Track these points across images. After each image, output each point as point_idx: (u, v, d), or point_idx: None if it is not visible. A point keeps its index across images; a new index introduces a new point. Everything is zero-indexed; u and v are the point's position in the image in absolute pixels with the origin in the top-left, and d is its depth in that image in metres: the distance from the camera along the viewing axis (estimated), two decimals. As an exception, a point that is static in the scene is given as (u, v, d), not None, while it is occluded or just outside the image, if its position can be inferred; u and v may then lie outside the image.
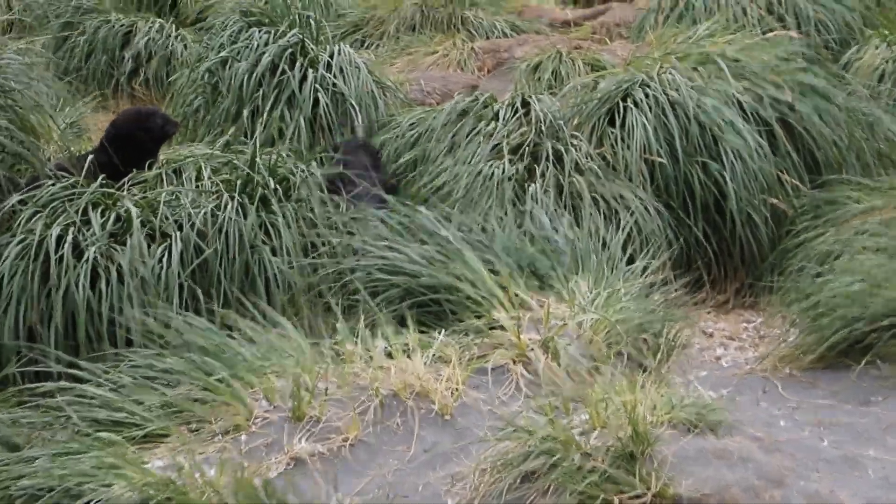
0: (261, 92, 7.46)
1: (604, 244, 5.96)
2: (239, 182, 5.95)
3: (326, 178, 6.15)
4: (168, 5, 10.72)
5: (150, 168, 6.39)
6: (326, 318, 5.19)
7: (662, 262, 6.30)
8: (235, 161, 6.15)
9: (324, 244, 5.78)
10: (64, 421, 4.35)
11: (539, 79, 8.45)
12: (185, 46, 9.56)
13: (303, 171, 6.12)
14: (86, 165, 5.98)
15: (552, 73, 8.49)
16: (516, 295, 5.11)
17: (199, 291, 5.57)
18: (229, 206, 5.81)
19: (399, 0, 10.26)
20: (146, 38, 9.62)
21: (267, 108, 7.38)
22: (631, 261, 5.91)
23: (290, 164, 6.16)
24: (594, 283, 5.30)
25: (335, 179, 6.36)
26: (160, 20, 9.98)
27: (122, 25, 9.83)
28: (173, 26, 9.87)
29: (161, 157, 6.61)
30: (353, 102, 7.46)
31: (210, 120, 7.57)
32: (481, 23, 10.08)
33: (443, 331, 4.84)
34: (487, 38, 9.87)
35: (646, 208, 6.59)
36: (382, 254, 5.20)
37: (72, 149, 6.76)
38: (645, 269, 5.52)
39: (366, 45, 9.89)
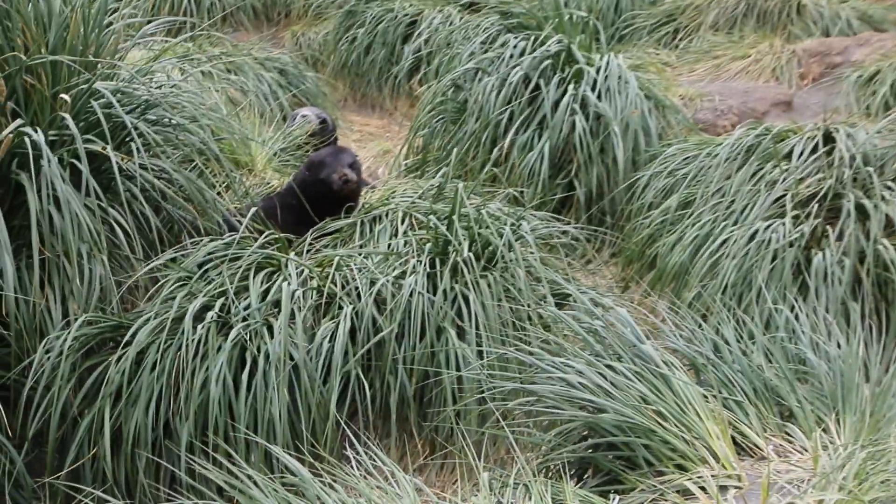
0: (506, 113, 6.27)
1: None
2: (429, 245, 4.85)
3: None
4: (467, -11, 9.67)
5: (348, 213, 5.39)
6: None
7: None
8: (431, 216, 5.03)
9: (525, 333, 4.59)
10: None
11: (873, 93, 6.75)
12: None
13: (514, 229, 4.91)
14: (247, 216, 5.01)
15: (891, 86, 6.75)
16: (742, 437, 3.74)
17: (367, 385, 4.53)
18: (416, 275, 4.72)
19: (722, -16, 8.71)
20: (429, 30, 8.60)
21: (510, 134, 6.18)
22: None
23: (499, 221, 4.97)
24: (856, 431, 3.80)
25: None
26: (449, 7, 8.93)
27: (405, 15, 8.88)
28: (458, 15, 8.78)
29: (366, 198, 5.59)
30: (616, 128, 6.12)
31: (448, 145, 6.46)
32: (821, 13, 8.34)
33: (618, 497, 3.54)
34: (827, 34, 8.12)
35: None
36: (562, 374, 3.91)
37: (271, 185, 5.84)
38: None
39: (677, 39, 8.44)
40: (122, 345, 4.46)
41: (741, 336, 4.23)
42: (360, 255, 4.92)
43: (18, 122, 4.60)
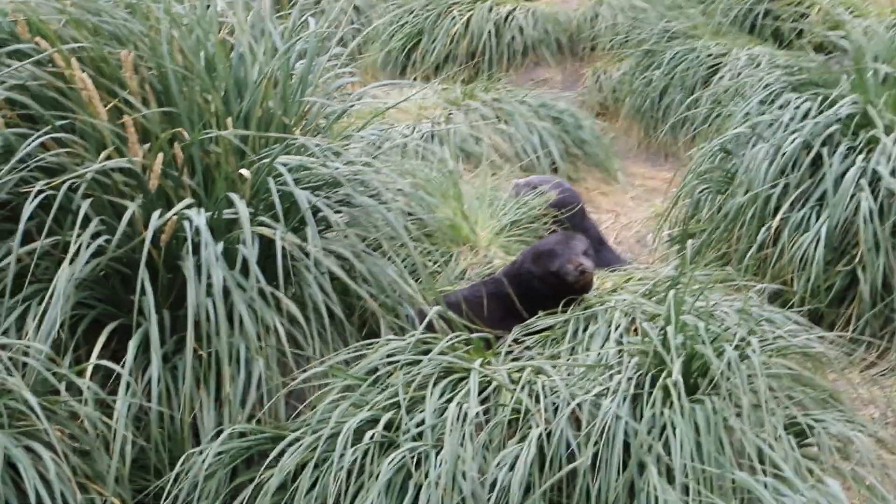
0: (779, 186, 5.33)
1: None
2: (635, 359, 4.06)
3: None
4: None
5: (566, 306, 4.64)
6: None
7: None
8: (644, 324, 4.23)
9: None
10: None
11: None
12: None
13: (742, 346, 4.04)
14: (430, 315, 4.33)
15: None
16: None
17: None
18: (617, 395, 3.95)
19: None
20: (732, 73, 7.65)
21: (782, 211, 5.25)
22: None
23: (727, 332, 4.12)
24: None
25: None
26: (760, 47, 7.95)
27: (709, 55, 7.96)
28: (768, 57, 7.74)
29: (599, 285, 4.84)
30: (906, 212, 5.07)
31: (714, 218, 5.58)
32: None
33: None
34: None
35: None
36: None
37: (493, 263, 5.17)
38: None
39: None
40: (269, 462, 3.97)
41: None
42: (561, 365, 4.21)
43: (186, 201, 4.22)
